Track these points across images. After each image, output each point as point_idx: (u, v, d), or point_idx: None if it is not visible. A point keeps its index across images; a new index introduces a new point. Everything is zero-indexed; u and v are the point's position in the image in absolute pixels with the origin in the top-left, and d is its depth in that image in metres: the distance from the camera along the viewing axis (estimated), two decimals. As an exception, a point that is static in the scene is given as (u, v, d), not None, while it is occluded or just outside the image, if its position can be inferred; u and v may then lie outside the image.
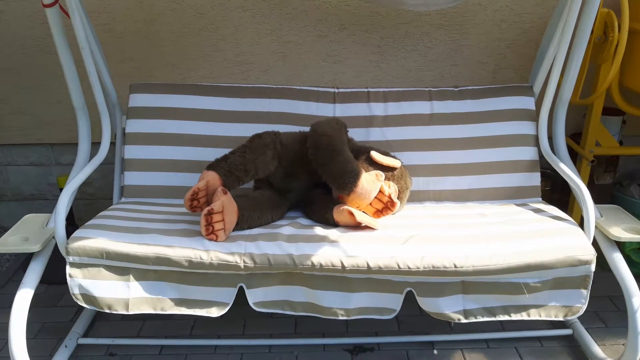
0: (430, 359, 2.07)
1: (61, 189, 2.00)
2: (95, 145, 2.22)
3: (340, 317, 1.78)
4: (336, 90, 2.37)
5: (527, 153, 2.24)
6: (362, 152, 2.06)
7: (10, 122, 2.81)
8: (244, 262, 1.72)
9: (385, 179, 1.97)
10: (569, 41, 2.11)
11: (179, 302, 1.80)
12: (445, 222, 1.97)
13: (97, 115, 2.24)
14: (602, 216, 1.98)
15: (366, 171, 1.96)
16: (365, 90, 2.36)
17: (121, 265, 1.77)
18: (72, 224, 2.60)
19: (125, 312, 1.79)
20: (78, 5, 2.02)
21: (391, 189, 1.96)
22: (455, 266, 1.69)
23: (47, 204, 3.01)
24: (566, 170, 2.05)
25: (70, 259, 1.76)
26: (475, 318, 1.80)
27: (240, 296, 1.80)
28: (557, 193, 2.72)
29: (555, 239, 1.78)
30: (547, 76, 2.26)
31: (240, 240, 1.77)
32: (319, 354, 2.10)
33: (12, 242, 1.83)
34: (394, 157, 2.10)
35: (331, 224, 1.92)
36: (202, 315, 1.80)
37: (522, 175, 2.21)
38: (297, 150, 2.04)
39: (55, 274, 2.20)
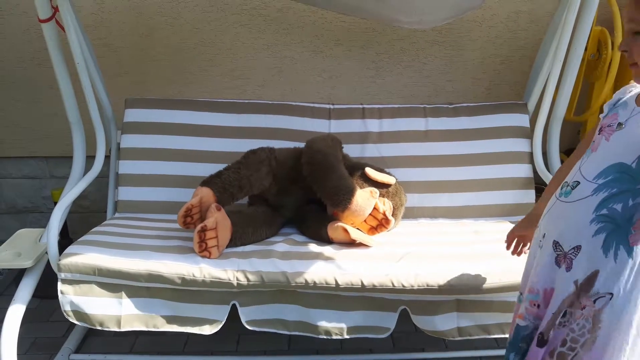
0: (424, 376, 2.06)
1: (55, 203, 1.99)
2: (90, 159, 2.22)
3: (334, 337, 1.77)
4: (331, 107, 2.38)
5: (522, 170, 2.24)
6: (356, 169, 2.06)
7: (5, 134, 2.81)
8: (237, 279, 1.71)
9: (379, 196, 1.97)
10: (563, 58, 2.13)
11: (171, 319, 1.79)
12: (440, 240, 1.97)
13: (93, 129, 2.24)
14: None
15: (361, 188, 1.96)
16: (360, 106, 2.37)
17: (113, 282, 1.76)
18: (66, 237, 2.59)
19: (117, 329, 1.77)
20: (74, 21, 2.02)
21: (386, 205, 1.96)
22: (450, 284, 1.69)
23: (42, 217, 3.00)
24: (560, 187, 2.05)
25: (62, 275, 1.75)
26: (470, 336, 1.79)
27: (234, 312, 1.79)
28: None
29: (550, 258, 1.77)
30: (541, 93, 2.27)
31: (233, 258, 1.77)
32: (313, 371, 2.09)
33: (5, 257, 1.82)
34: (388, 173, 2.10)
35: (325, 240, 1.91)
36: (195, 333, 1.78)
37: (516, 193, 2.22)
38: (292, 166, 2.04)
39: (49, 288, 2.17)
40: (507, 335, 1.79)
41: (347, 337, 1.77)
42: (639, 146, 1.11)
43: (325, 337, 1.76)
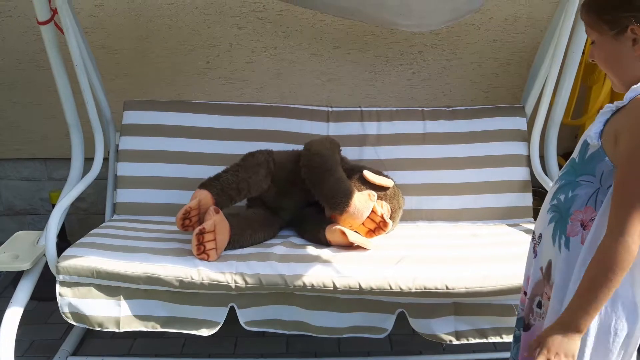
0: (422, 379, 2.06)
1: (53, 205, 1.99)
2: (88, 161, 2.22)
3: (331, 336, 1.77)
4: (330, 109, 2.38)
5: (519, 173, 2.25)
6: (355, 172, 2.06)
7: (3, 136, 2.81)
8: (235, 282, 1.71)
9: (377, 199, 1.97)
10: (561, 62, 2.13)
11: (169, 320, 1.79)
12: (438, 243, 1.97)
13: (92, 131, 2.24)
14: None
15: (359, 190, 1.96)
16: (359, 109, 2.37)
17: (112, 285, 1.76)
18: (64, 239, 2.58)
19: (116, 330, 1.77)
20: (73, 23, 2.02)
21: (384, 208, 1.96)
22: (447, 288, 1.69)
23: (40, 219, 2.99)
24: (558, 190, 2.06)
25: (60, 277, 1.75)
26: (467, 340, 1.79)
27: (232, 314, 1.79)
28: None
29: (547, 261, 1.78)
30: (539, 96, 2.27)
31: (231, 260, 1.77)
32: (311, 373, 2.09)
33: (3, 259, 1.82)
34: (386, 176, 2.10)
35: (324, 243, 1.91)
36: (192, 334, 1.78)
37: (514, 196, 2.22)
38: (291, 169, 2.04)
39: (47, 290, 2.17)
40: (504, 340, 1.80)
41: (344, 335, 1.78)
42: (582, 142, 1.18)
43: (322, 335, 1.77)
